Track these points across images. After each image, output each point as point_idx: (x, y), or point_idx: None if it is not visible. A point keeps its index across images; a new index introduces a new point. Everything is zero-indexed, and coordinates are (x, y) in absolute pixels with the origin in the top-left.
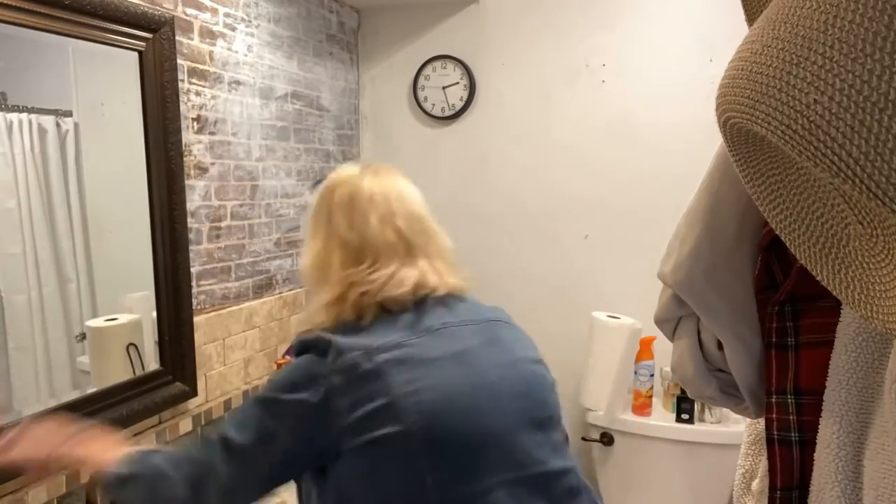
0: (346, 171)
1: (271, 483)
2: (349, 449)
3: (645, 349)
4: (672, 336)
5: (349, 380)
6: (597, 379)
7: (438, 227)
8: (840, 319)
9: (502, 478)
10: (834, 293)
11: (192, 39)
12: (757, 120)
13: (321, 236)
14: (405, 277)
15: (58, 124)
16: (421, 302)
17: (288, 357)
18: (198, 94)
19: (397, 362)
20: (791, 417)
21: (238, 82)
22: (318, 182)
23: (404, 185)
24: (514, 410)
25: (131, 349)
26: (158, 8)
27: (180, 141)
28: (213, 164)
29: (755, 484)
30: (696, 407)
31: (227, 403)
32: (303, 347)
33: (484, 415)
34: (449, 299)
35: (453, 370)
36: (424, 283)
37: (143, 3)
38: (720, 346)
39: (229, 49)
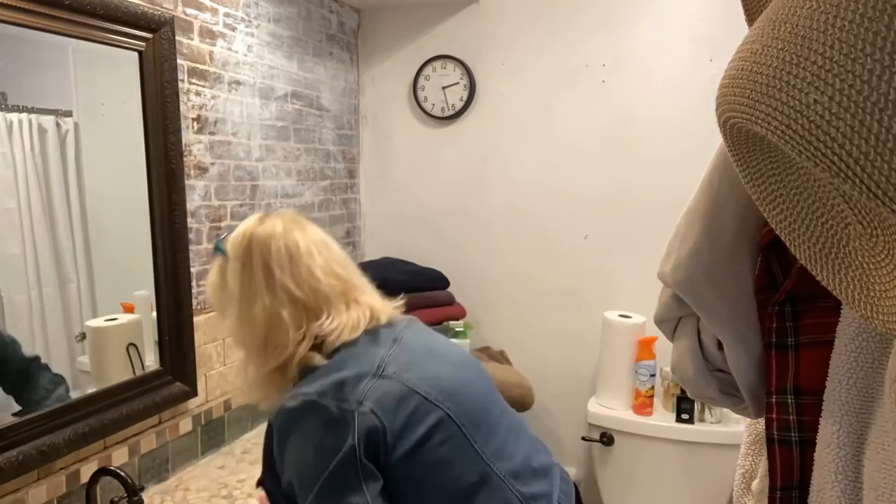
0: (261, 225)
1: None
2: (404, 456)
3: (645, 349)
4: (672, 336)
5: (375, 405)
6: (611, 378)
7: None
8: (840, 319)
9: (503, 435)
10: (834, 293)
11: (192, 39)
12: (757, 120)
13: (262, 296)
14: (359, 318)
15: (58, 124)
16: (373, 330)
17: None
18: (198, 94)
19: (401, 367)
20: (791, 417)
21: (238, 82)
22: (223, 239)
23: (322, 232)
24: (483, 381)
25: (131, 349)
26: (158, 8)
27: (180, 141)
28: (213, 164)
29: (755, 484)
30: (696, 407)
31: (227, 403)
32: (297, 415)
33: (473, 387)
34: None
35: (435, 361)
36: (377, 315)
37: (143, 3)
38: (720, 346)
39: (229, 49)
